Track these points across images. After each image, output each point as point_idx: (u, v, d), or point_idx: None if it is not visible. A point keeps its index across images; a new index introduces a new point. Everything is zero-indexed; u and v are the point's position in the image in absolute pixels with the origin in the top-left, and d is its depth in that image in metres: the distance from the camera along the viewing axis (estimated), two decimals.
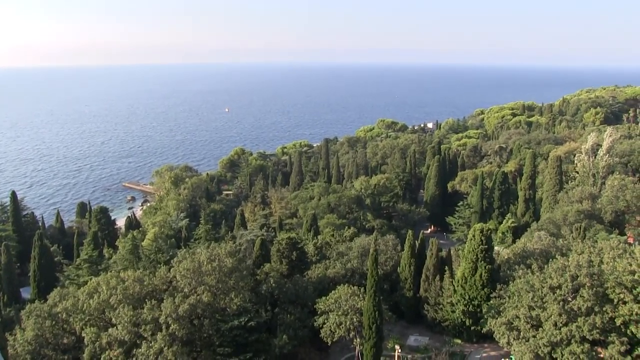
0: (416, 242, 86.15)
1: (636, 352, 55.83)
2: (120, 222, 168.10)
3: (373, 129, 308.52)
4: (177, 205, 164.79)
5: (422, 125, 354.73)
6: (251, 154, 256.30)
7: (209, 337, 66.65)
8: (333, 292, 72.57)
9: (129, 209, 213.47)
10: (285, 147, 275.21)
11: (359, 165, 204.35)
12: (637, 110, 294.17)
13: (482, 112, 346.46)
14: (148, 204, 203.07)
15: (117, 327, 63.05)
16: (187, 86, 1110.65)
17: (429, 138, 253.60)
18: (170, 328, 62.08)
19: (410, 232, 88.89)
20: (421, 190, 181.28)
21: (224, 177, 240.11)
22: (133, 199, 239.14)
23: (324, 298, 72.04)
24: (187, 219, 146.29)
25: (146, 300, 66.59)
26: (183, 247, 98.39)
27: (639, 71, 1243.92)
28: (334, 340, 69.38)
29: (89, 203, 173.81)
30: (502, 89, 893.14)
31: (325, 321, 69.53)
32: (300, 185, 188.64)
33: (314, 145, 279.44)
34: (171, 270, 73.44)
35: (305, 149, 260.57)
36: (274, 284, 75.60)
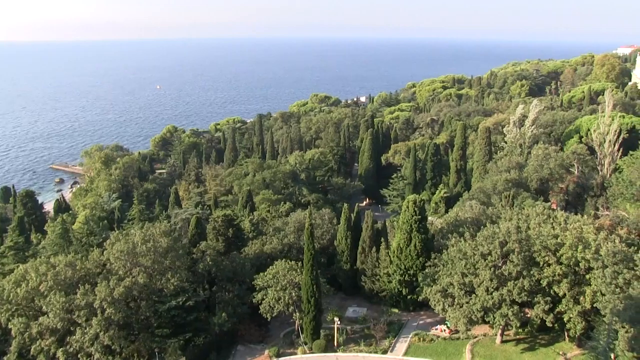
0: (352, 215, 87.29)
1: (558, 309, 59.37)
2: (49, 206, 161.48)
3: (307, 103, 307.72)
4: (108, 186, 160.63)
5: (355, 99, 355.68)
6: (184, 132, 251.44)
7: (147, 319, 65.66)
8: (271, 267, 72.85)
9: (58, 191, 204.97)
10: (219, 124, 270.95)
11: (293, 140, 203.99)
12: (558, 82, 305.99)
13: (414, 86, 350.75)
14: (78, 186, 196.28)
15: (48, 315, 61.08)
16: (116, 63, 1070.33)
17: (362, 112, 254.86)
18: (106, 312, 60.73)
19: (345, 205, 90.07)
20: (355, 164, 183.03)
21: (156, 155, 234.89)
22: (61, 180, 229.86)
23: (262, 274, 72.19)
24: (120, 200, 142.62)
25: (79, 285, 64.77)
26: (116, 229, 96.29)
27: (560, 46, 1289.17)
28: (273, 315, 69.89)
29: (13, 187, 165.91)
30: (434, 63, 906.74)
31: (264, 297, 69.82)
32: (235, 162, 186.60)
33: (248, 121, 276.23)
34: (104, 252, 71.67)
35: (238, 125, 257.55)
36: (210, 262, 74.99)
